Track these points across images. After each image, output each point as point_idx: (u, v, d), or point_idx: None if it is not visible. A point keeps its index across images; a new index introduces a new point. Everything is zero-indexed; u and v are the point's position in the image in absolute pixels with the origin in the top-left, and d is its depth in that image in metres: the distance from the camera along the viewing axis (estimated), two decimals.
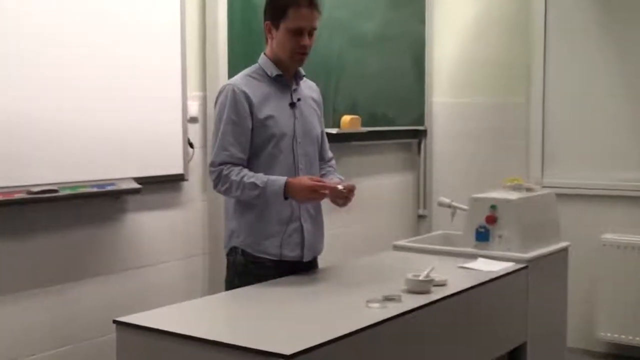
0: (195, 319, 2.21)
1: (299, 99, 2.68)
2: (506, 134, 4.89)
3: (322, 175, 2.77)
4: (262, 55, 2.67)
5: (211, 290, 3.50)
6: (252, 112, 2.55)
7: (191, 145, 3.46)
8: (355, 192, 2.52)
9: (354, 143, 4.52)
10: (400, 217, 5.09)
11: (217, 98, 2.61)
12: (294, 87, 2.67)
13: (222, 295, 2.53)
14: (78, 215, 3.04)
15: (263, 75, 2.61)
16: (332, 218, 3.25)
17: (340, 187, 2.45)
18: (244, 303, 2.37)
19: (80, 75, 2.92)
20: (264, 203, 2.55)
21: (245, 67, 2.69)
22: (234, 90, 2.55)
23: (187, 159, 3.40)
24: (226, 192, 2.54)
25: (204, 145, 3.56)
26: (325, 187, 2.46)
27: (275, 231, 2.60)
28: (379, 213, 4.87)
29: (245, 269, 2.61)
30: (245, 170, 2.53)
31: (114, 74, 3.05)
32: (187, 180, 3.43)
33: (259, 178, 2.49)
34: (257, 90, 2.58)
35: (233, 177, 2.51)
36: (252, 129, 2.56)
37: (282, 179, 2.49)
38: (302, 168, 2.64)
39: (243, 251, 2.61)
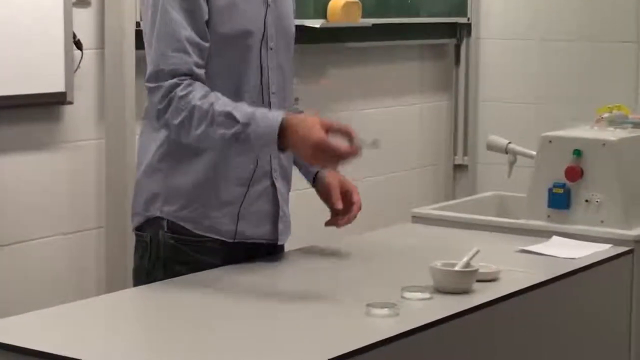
0: (85, 331, 2.22)
1: None
2: (602, 34, 4.90)
3: None
4: None
5: (110, 285, 3.51)
6: None
7: (79, 45, 3.41)
8: (357, 130, 2.56)
9: (349, 45, 4.50)
10: (426, 169, 5.08)
11: None
12: None
13: (131, 292, 2.56)
14: None
15: None
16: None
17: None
18: (168, 306, 2.39)
19: None
20: (240, 152, 2.55)
21: None
22: None
23: (71, 69, 3.39)
24: (179, 129, 2.52)
25: (101, 47, 3.55)
26: (340, 150, 2.43)
27: (232, 195, 2.65)
28: (392, 162, 4.87)
29: (174, 254, 2.64)
30: (214, 93, 2.53)
31: None
32: (71, 103, 3.42)
33: (239, 108, 2.49)
34: None
35: (196, 102, 2.50)
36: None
37: (276, 115, 2.49)
38: (275, 92, 2.69)
39: (171, 224, 2.64)
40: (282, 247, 2.81)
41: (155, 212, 2.63)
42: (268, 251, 2.76)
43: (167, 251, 2.62)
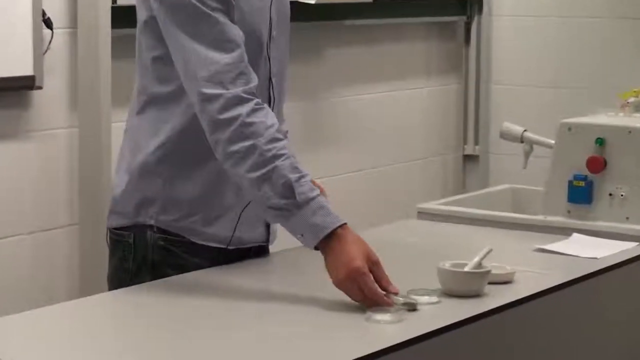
0: (56, 340, 2.22)
1: None
2: (627, 9, 4.93)
3: None
4: None
5: (84, 289, 3.51)
6: None
7: (48, 23, 3.44)
8: (356, 117, 2.51)
9: (349, 23, 4.53)
10: (433, 160, 5.11)
11: None
12: None
13: (107, 296, 2.59)
14: None
15: None
16: (315, 160, 3.37)
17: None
18: (152, 312, 2.41)
19: None
20: (270, 215, 2.55)
21: None
22: None
23: (40, 50, 3.42)
24: (227, 156, 2.51)
25: (73, 25, 3.55)
26: (375, 292, 2.40)
27: (234, 202, 2.67)
28: (396, 152, 4.91)
29: (164, 256, 2.66)
30: (284, 142, 2.51)
31: None
32: (40, 88, 3.44)
33: (302, 183, 2.47)
34: None
35: (260, 143, 2.47)
36: None
37: (334, 218, 2.48)
38: (275, 83, 2.72)
39: (161, 229, 2.66)
40: (268, 247, 2.84)
41: (147, 219, 2.64)
42: (258, 252, 2.79)
43: (156, 253, 2.63)
